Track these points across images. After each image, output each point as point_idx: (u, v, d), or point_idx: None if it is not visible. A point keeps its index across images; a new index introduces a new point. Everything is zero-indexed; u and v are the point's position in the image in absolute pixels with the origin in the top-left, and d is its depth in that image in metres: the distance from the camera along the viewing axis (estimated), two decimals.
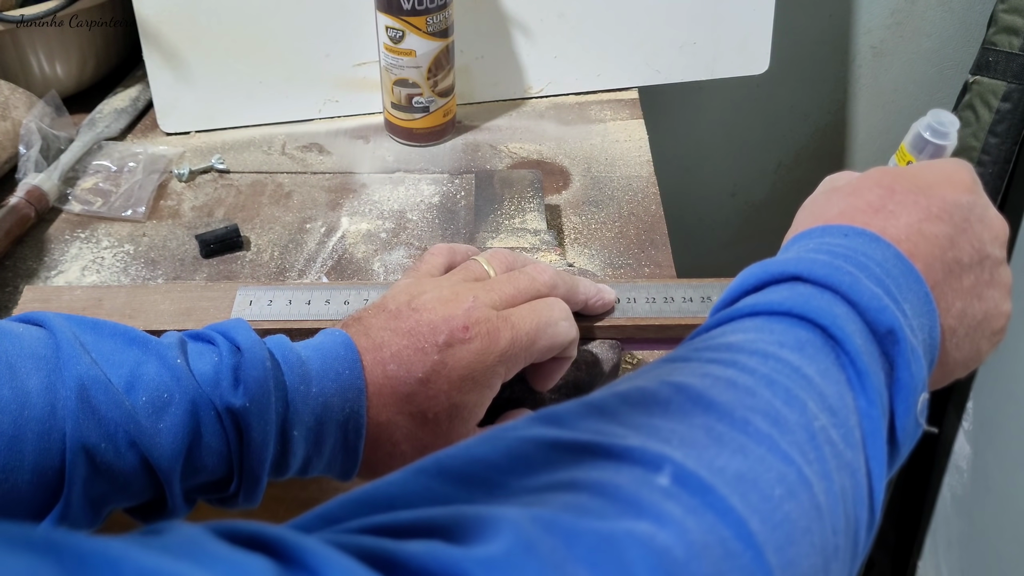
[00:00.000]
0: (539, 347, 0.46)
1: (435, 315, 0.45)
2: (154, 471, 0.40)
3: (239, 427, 0.41)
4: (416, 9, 0.76)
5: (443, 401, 0.44)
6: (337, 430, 0.43)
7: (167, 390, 0.40)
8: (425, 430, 0.45)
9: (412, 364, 0.44)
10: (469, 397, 0.45)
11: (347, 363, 0.44)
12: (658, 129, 1.11)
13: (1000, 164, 1.00)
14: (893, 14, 1.12)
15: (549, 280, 0.49)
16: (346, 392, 0.43)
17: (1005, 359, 1.07)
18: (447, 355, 0.44)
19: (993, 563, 1.10)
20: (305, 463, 0.44)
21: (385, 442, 0.44)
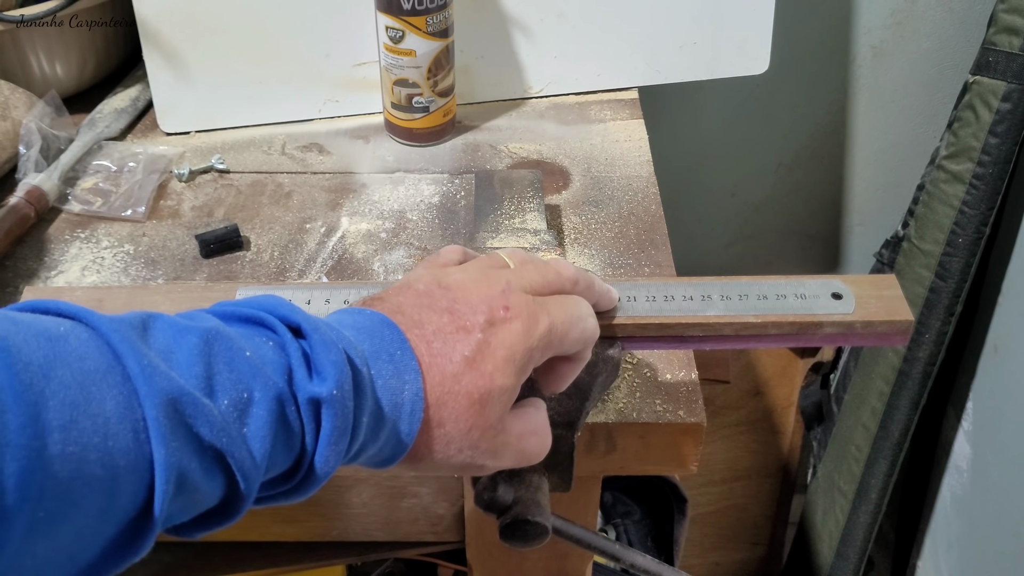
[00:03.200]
0: (571, 339, 0.45)
1: (471, 294, 0.44)
2: (236, 480, 0.36)
3: (318, 418, 0.38)
4: (416, 9, 0.76)
5: (487, 383, 0.42)
6: (395, 412, 0.41)
7: (245, 388, 0.36)
8: (471, 412, 0.42)
9: (456, 342, 0.42)
10: (510, 380, 0.43)
11: (396, 343, 0.41)
12: (658, 129, 1.10)
13: (1000, 164, 1.00)
14: (893, 14, 1.12)
15: (573, 275, 0.48)
16: (403, 374, 0.41)
17: (1005, 359, 1.07)
18: (490, 335, 0.43)
19: (993, 563, 1.10)
20: (360, 448, 0.41)
21: (434, 424, 0.42)
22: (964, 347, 1.15)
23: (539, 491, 0.50)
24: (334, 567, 0.78)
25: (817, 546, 1.27)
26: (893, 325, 0.52)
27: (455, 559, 0.76)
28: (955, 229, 1.03)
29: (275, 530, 0.71)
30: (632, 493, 1.24)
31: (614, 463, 0.59)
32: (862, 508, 1.18)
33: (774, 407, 1.38)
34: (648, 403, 0.58)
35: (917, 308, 1.08)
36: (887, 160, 1.24)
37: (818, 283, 0.53)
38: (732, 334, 0.52)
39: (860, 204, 1.28)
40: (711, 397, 1.33)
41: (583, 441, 0.58)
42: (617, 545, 0.51)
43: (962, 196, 1.02)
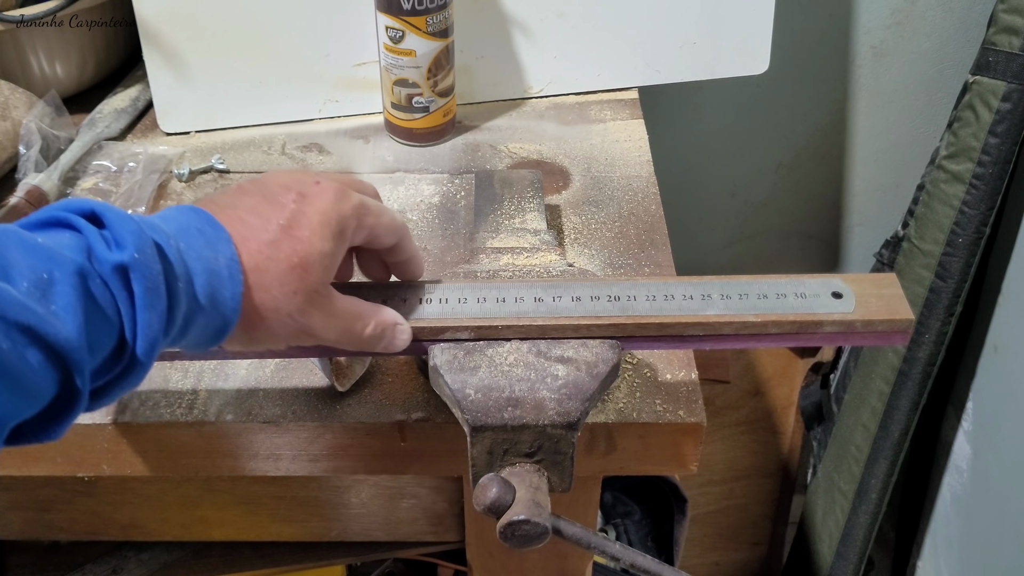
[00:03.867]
0: (384, 222, 0.50)
1: (282, 177, 0.48)
2: (58, 361, 0.37)
3: (128, 285, 0.40)
4: (416, 9, 0.76)
5: (306, 246, 0.46)
6: (214, 279, 0.44)
7: (44, 270, 0.38)
8: (293, 275, 0.45)
9: (270, 215, 0.46)
10: (328, 244, 0.47)
11: (204, 220, 0.45)
12: (658, 129, 1.11)
13: (1000, 164, 1.00)
14: (893, 14, 1.12)
15: (373, 187, 0.54)
16: (215, 244, 0.44)
17: (1005, 359, 1.07)
18: (304, 204, 0.46)
19: (993, 563, 1.10)
20: (187, 319, 0.43)
21: (259, 292, 0.45)
22: (964, 347, 1.15)
23: (539, 491, 0.50)
24: (334, 567, 0.78)
25: (817, 546, 1.27)
26: (894, 324, 0.51)
27: (455, 559, 0.76)
28: (955, 229, 1.03)
29: (274, 530, 0.71)
30: (632, 493, 1.24)
31: (614, 463, 0.59)
32: (862, 508, 1.18)
33: (774, 407, 1.38)
34: (648, 403, 0.58)
35: (917, 308, 1.08)
36: (887, 160, 1.24)
37: (818, 282, 0.53)
38: (732, 333, 0.52)
39: (860, 204, 1.28)
40: (711, 397, 1.33)
41: (583, 441, 0.58)
42: (617, 545, 0.51)
43: (962, 196, 1.02)
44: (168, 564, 0.75)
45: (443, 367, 0.51)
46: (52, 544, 0.78)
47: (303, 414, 0.58)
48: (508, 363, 0.51)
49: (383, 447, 0.59)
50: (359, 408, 0.58)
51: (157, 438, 0.58)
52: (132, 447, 0.59)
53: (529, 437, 0.50)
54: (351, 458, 0.59)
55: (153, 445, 0.59)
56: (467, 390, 0.50)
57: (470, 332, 0.52)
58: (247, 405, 0.58)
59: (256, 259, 0.45)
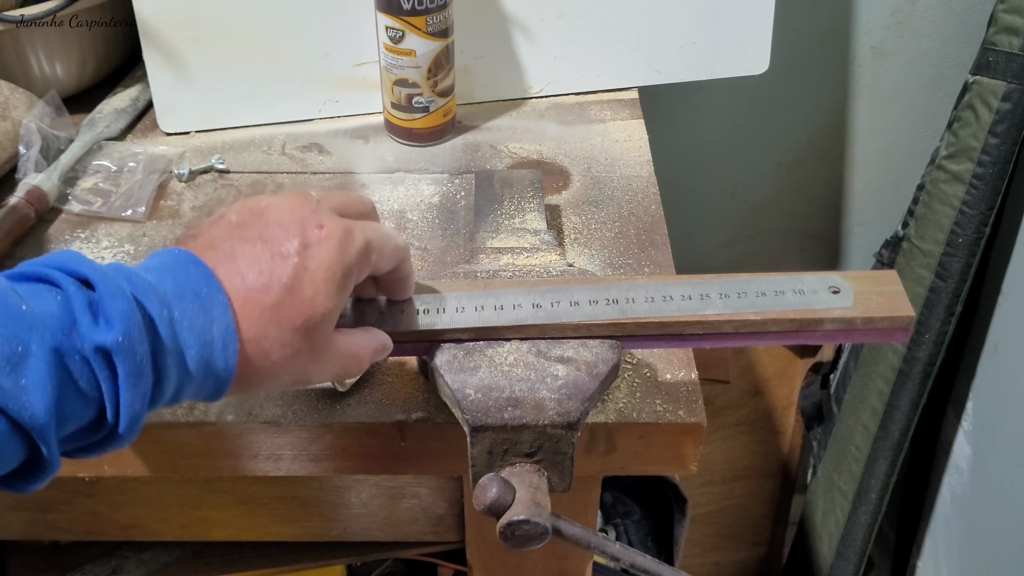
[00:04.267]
0: (387, 254, 0.48)
1: (283, 215, 0.45)
2: (24, 432, 0.37)
3: (112, 365, 0.39)
4: (416, 9, 0.76)
5: (309, 309, 0.44)
6: (207, 350, 0.42)
7: (20, 342, 0.37)
8: (296, 338, 0.44)
9: (273, 271, 0.43)
10: (332, 301, 0.45)
11: (201, 279, 0.42)
12: (658, 129, 1.11)
13: (1000, 164, 1.00)
14: (893, 14, 1.12)
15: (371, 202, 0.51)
16: (210, 311, 0.42)
17: (1005, 359, 1.07)
18: (306, 257, 0.44)
19: (993, 563, 1.10)
20: (177, 389, 0.42)
21: (258, 356, 0.43)
22: (964, 347, 1.15)
23: (539, 491, 0.50)
24: (334, 567, 0.78)
25: (817, 546, 1.27)
26: (894, 321, 0.51)
27: (455, 559, 0.76)
28: (955, 229, 1.03)
29: (274, 530, 0.71)
30: (632, 493, 1.24)
31: (614, 463, 0.59)
32: (862, 508, 1.18)
33: (774, 407, 1.38)
34: (648, 403, 0.58)
35: (917, 308, 1.08)
36: (887, 160, 1.24)
37: (817, 279, 0.53)
38: (732, 332, 0.52)
39: (860, 204, 1.28)
40: (711, 397, 1.33)
41: (583, 441, 0.58)
42: (617, 545, 0.51)
43: (962, 196, 1.02)
44: (168, 564, 0.75)
45: (443, 367, 0.51)
46: (52, 544, 0.78)
47: (303, 414, 0.58)
48: (508, 363, 0.51)
49: (383, 447, 0.59)
50: (359, 408, 0.58)
51: (157, 438, 0.58)
52: (132, 447, 0.59)
53: (529, 437, 0.50)
54: (351, 458, 0.59)
55: (153, 445, 0.59)
56: (467, 390, 0.50)
57: (470, 332, 0.52)
58: (247, 405, 0.58)
59: (256, 325, 0.43)
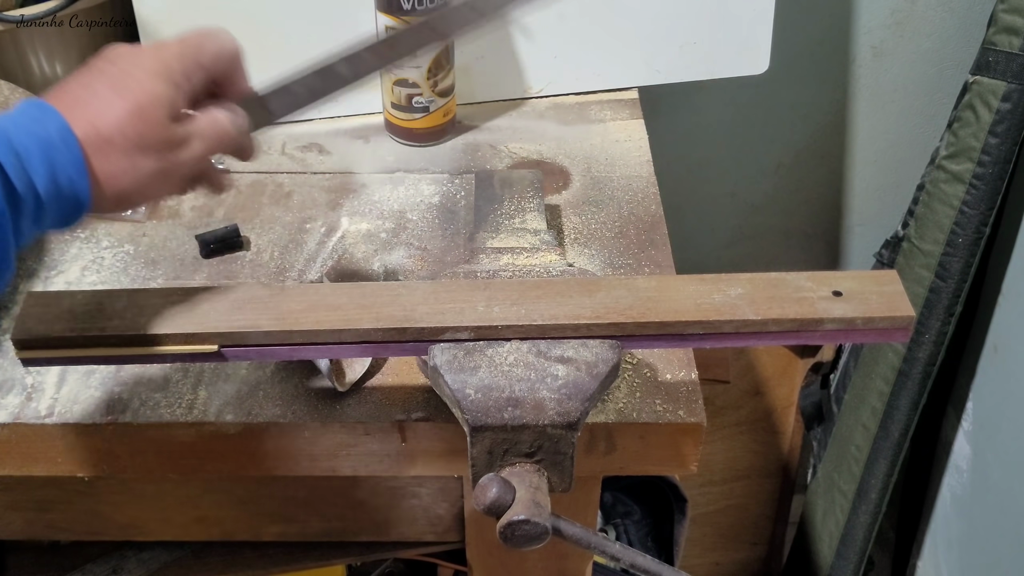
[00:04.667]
0: (209, 48, 0.54)
1: (109, 52, 0.51)
2: None
3: None
4: (416, 9, 0.76)
5: (136, 94, 0.48)
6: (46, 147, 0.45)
7: None
8: (133, 119, 0.47)
9: (95, 82, 0.48)
10: (161, 87, 0.49)
11: (33, 104, 0.47)
12: (658, 129, 1.10)
13: (1000, 164, 1.00)
14: (893, 14, 1.12)
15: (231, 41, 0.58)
16: (43, 119, 0.46)
17: (1005, 359, 1.07)
18: (125, 64, 0.49)
19: (993, 563, 1.10)
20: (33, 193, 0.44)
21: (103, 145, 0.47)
22: (964, 347, 1.15)
23: (539, 491, 0.50)
24: (334, 567, 0.78)
25: (817, 546, 1.27)
26: (894, 321, 0.51)
27: (455, 559, 0.76)
28: (955, 229, 1.03)
29: (274, 530, 0.71)
30: (632, 493, 1.24)
31: (614, 463, 0.59)
32: (862, 508, 1.18)
33: (774, 407, 1.38)
34: (648, 403, 0.58)
35: (917, 308, 1.08)
36: (887, 160, 1.24)
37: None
38: (732, 332, 0.52)
39: (860, 204, 1.28)
40: (711, 397, 1.33)
41: (583, 441, 0.58)
42: (617, 545, 0.51)
43: (962, 196, 1.02)
44: (168, 564, 0.75)
45: (443, 367, 0.51)
46: (52, 544, 0.77)
47: (303, 414, 0.58)
48: (508, 363, 0.51)
49: (383, 447, 0.59)
50: (359, 408, 0.58)
51: (157, 438, 0.58)
52: (132, 447, 0.59)
53: (529, 437, 0.50)
54: (351, 458, 0.59)
55: (153, 445, 0.59)
56: (467, 390, 0.50)
57: (470, 332, 0.52)
58: (247, 405, 0.58)
59: (91, 118, 0.47)
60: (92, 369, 0.61)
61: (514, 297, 0.53)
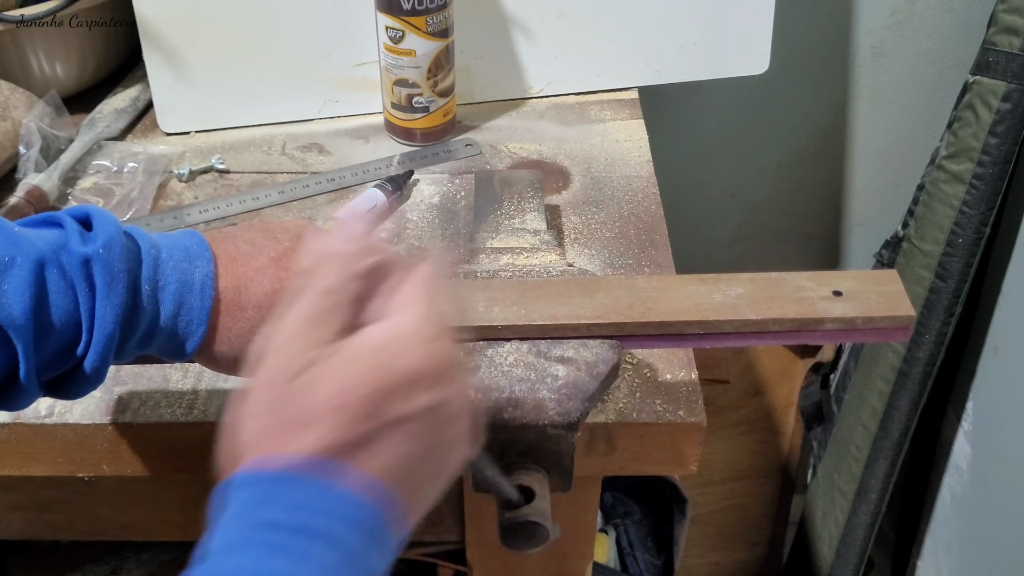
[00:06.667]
0: None
1: (288, 223, 0.49)
2: (5, 337, 0.40)
3: (90, 278, 0.42)
4: (416, 9, 0.76)
5: (291, 274, 0.46)
6: (185, 288, 0.45)
7: (7, 253, 0.41)
8: (275, 299, 0.46)
9: (264, 246, 0.47)
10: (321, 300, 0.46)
11: (193, 239, 0.47)
12: (658, 129, 1.10)
13: (1000, 164, 1.00)
14: (893, 14, 1.12)
15: None
16: (195, 259, 0.46)
17: (1005, 359, 1.07)
18: (299, 244, 0.47)
19: (993, 563, 1.10)
20: (150, 327, 0.45)
21: (234, 307, 0.46)
22: (964, 347, 1.15)
23: (539, 493, 0.50)
24: None
25: (817, 546, 1.27)
26: (894, 320, 0.51)
27: (455, 559, 0.76)
28: (955, 229, 1.03)
29: None
30: (632, 493, 1.24)
31: (614, 463, 0.59)
32: (862, 508, 1.18)
33: (774, 407, 1.38)
34: (648, 403, 0.58)
35: (917, 308, 1.08)
36: (887, 160, 1.24)
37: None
38: (732, 331, 0.52)
39: (860, 204, 1.28)
40: (711, 397, 1.33)
41: (583, 441, 0.58)
42: None
43: (962, 196, 1.02)
44: (168, 564, 0.75)
45: None
46: (52, 544, 0.78)
47: None
48: (508, 363, 0.51)
49: None
50: None
51: (157, 438, 0.58)
52: (132, 447, 0.59)
53: (529, 437, 0.50)
54: None
55: (153, 445, 0.59)
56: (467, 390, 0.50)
57: (471, 333, 0.52)
58: None
59: (239, 280, 0.46)
60: None
61: (514, 297, 0.53)
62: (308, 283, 0.39)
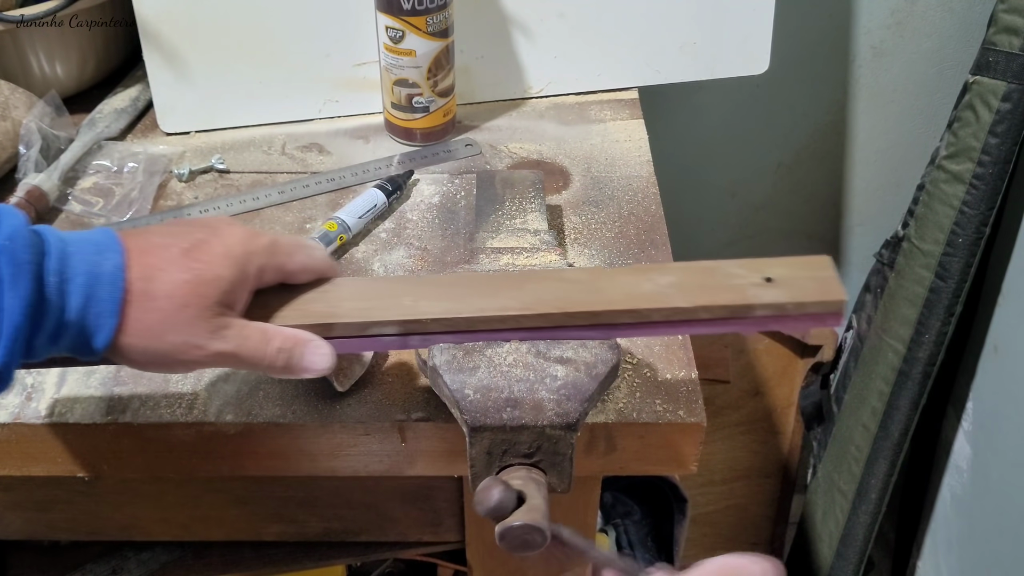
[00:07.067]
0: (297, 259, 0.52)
1: (205, 219, 0.51)
2: None
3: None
4: (416, 9, 0.76)
5: (203, 267, 0.47)
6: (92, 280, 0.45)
7: None
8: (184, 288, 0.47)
9: (176, 240, 0.48)
10: (225, 271, 0.48)
11: (104, 234, 0.47)
12: (658, 129, 1.10)
13: (1000, 164, 1.00)
14: (893, 14, 1.12)
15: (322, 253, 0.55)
16: (104, 252, 0.46)
17: (1005, 359, 1.07)
18: (211, 236, 0.49)
19: (993, 563, 1.10)
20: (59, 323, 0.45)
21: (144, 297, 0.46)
22: (964, 347, 1.15)
23: (540, 497, 0.50)
24: (334, 567, 0.78)
25: (817, 546, 1.27)
26: (826, 306, 0.51)
27: (455, 559, 0.76)
28: (955, 229, 1.03)
29: (274, 530, 0.71)
30: (632, 493, 1.24)
31: (614, 463, 0.59)
32: (862, 508, 1.18)
33: (774, 407, 1.38)
34: (648, 403, 0.58)
35: (917, 308, 1.08)
36: (887, 160, 1.24)
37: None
38: (663, 320, 0.51)
39: (860, 204, 1.28)
40: (711, 397, 1.33)
41: (583, 441, 0.58)
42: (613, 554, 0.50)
43: (962, 196, 1.02)
44: (168, 564, 0.75)
45: (442, 367, 0.51)
46: (52, 544, 0.78)
47: (303, 414, 0.58)
48: (507, 363, 0.51)
49: (383, 447, 0.59)
50: (359, 408, 0.58)
51: (157, 438, 0.58)
52: (132, 447, 0.59)
53: (528, 438, 0.50)
54: (351, 458, 0.59)
55: (153, 445, 0.59)
56: (466, 390, 0.50)
57: (396, 327, 0.51)
58: (247, 405, 0.58)
59: (148, 271, 0.47)
60: (92, 369, 0.61)
61: (442, 292, 0.53)
62: None
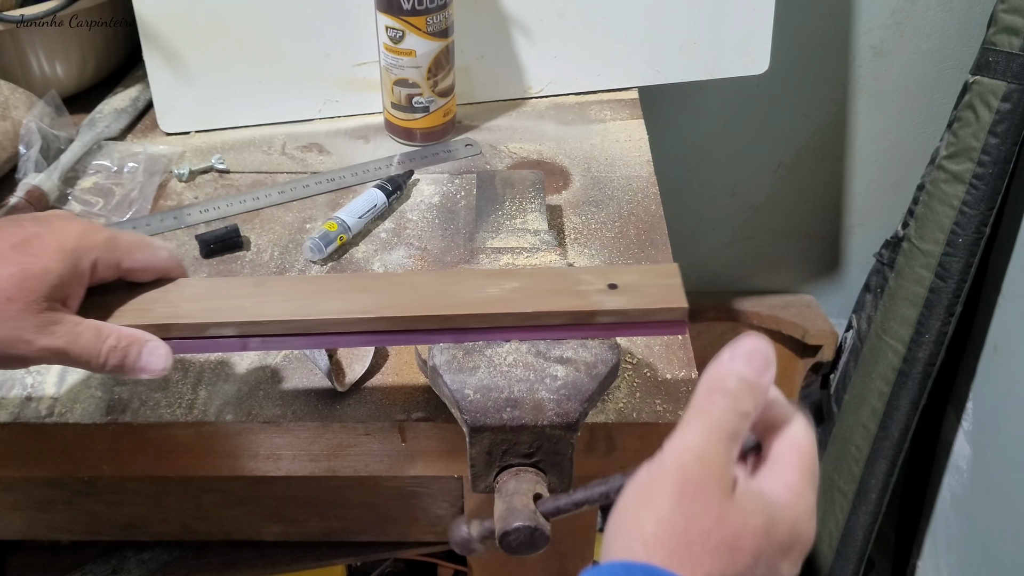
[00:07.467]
0: (137, 256, 0.51)
1: (43, 214, 0.50)
2: None
3: None
4: (416, 9, 0.76)
5: (32, 261, 0.47)
6: None
7: None
8: (11, 282, 0.46)
9: (10, 231, 0.48)
10: (55, 264, 0.47)
11: None
12: (658, 129, 1.10)
13: (1000, 164, 1.00)
14: (893, 14, 1.12)
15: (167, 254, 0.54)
16: None
17: (1005, 359, 1.07)
18: (44, 229, 0.48)
19: (993, 563, 1.10)
20: None
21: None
22: (964, 347, 1.15)
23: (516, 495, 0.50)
24: (334, 567, 0.79)
25: (817, 546, 1.27)
26: (668, 313, 0.52)
27: (455, 559, 0.76)
28: (955, 229, 1.03)
29: (274, 530, 0.71)
30: None
31: (614, 463, 0.59)
32: (862, 508, 1.18)
33: None
34: (648, 403, 0.58)
35: (917, 308, 1.08)
36: (887, 160, 1.24)
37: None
38: (510, 325, 0.52)
39: (860, 204, 1.28)
40: None
41: (583, 441, 0.58)
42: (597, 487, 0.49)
43: (962, 196, 1.02)
44: (168, 564, 0.75)
45: (442, 367, 0.51)
46: (52, 544, 0.78)
47: (303, 414, 0.58)
48: (507, 363, 0.51)
49: (383, 447, 0.59)
50: (359, 408, 0.58)
51: (157, 438, 0.58)
52: (132, 447, 0.59)
53: (528, 438, 0.50)
54: (351, 458, 0.59)
55: (153, 445, 0.59)
56: (466, 390, 0.50)
57: (234, 329, 0.51)
58: (247, 405, 0.59)
59: None
60: None
61: (288, 294, 0.53)
62: (725, 401, 0.41)
